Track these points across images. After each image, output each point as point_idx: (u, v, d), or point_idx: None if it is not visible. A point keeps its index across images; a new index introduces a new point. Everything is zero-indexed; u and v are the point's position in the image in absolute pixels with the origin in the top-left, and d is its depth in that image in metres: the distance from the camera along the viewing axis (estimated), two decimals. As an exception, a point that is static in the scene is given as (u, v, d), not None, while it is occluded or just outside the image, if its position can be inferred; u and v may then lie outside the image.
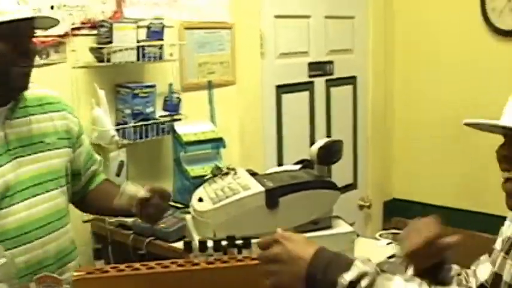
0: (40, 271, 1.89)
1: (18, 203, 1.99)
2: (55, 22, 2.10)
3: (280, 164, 3.96)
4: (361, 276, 1.34)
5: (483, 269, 1.70)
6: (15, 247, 1.95)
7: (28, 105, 2.11)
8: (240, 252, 1.79)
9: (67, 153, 2.16)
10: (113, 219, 2.81)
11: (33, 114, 2.11)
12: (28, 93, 2.11)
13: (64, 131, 2.17)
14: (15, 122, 2.05)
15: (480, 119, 1.54)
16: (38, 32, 2.15)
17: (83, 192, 2.33)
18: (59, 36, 2.82)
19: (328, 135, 4.35)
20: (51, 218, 2.06)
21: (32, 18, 1.97)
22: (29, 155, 2.05)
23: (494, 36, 4.43)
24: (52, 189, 2.08)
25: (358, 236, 2.60)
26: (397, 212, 4.94)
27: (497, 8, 4.38)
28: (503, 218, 4.15)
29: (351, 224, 2.49)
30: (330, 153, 2.43)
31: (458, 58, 4.57)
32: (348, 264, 1.37)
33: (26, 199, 2.00)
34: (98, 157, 2.42)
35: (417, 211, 4.75)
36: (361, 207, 4.82)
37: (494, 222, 4.38)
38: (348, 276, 1.34)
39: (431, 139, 4.75)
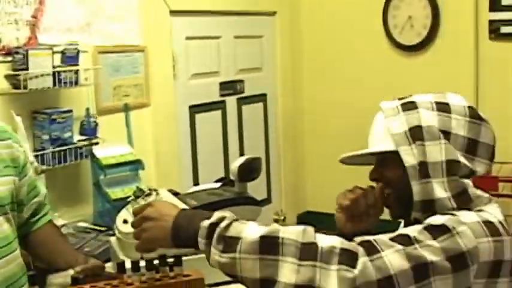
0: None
1: None
2: None
3: (196, 182, 4.03)
4: (220, 220, 1.46)
5: None
6: None
7: None
8: (171, 270, 1.84)
9: (12, 181, 2.12)
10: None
11: None
12: None
13: (10, 159, 2.14)
14: None
15: (351, 152, 1.73)
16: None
17: (25, 230, 2.27)
18: (-27, 63, 2.83)
19: (241, 153, 4.45)
20: None
21: None
22: None
23: (397, 51, 4.64)
24: None
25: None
26: (311, 224, 5.06)
27: (399, 25, 4.59)
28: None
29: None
30: (250, 170, 2.50)
31: (363, 72, 4.77)
32: (209, 214, 1.50)
33: None
34: (42, 189, 2.38)
35: (330, 222, 4.88)
36: (276, 221, 4.89)
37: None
38: (208, 221, 1.47)
39: (340, 151, 4.87)
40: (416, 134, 1.54)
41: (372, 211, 1.71)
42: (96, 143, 3.22)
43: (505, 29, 4.28)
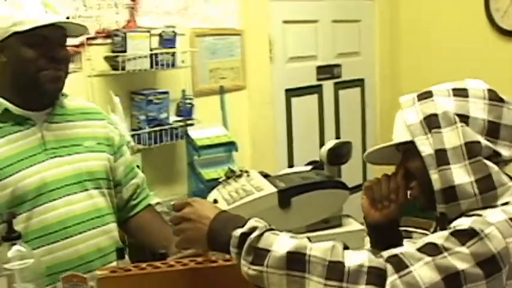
0: (83, 266, 2.00)
1: (57, 199, 2.05)
2: (84, 29, 2.18)
3: (290, 165, 4.05)
4: (252, 230, 1.47)
5: None
6: (57, 241, 2.02)
7: (67, 113, 2.19)
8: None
9: (106, 158, 2.21)
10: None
11: (72, 121, 2.19)
12: (67, 103, 2.20)
13: (104, 138, 2.23)
14: (54, 126, 2.13)
15: (371, 148, 1.73)
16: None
17: (125, 214, 2.33)
18: (75, 46, 2.92)
19: (337, 137, 4.44)
20: (90, 215, 2.11)
21: (57, 26, 2.04)
22: (67, 155, 2.12)
23: (498, 36, 4.51)
24: (90, 189, 2.14)
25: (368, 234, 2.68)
26: (407, 211, 5.01)
27: (501, 8, 4.46)
28: None
29: (362, 223, 2.56)
30: (339, 154, 2.51)
31: (464, 58, 4.65)
32: (244, 222, 1.51)
33: (64, 196, 2.07)
34: (140, 173, 2.47)
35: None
36: (370, 206, 4.87)
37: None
38: (240, 230, 1.48)
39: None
40: (431, 122, 1.51)
41: (393, 196, 1.68)
42: (192, 124, 3.28)
43: None
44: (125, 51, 2.96)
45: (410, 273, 1.33)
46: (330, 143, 2.52)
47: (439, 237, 1.38)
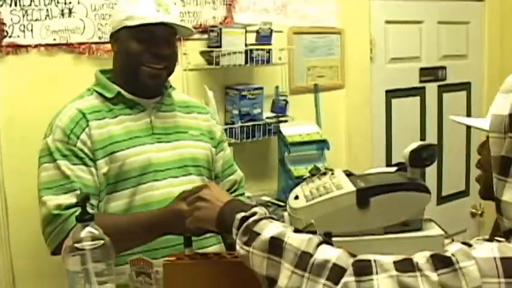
0: (169, 249, 2.12)
1: (160, 180, 2.20)
2: (190, 32, 2.36)
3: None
4: (252, 214, 1.54)
5: None
6: None
7: (175, 103, 2.37)
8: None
9: (209, 148, 2.36)
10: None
11: (179, 111, 2.36)
12: (175, 96, 2.39)
13: (207, 131, 2.40)
14: (162, 114, 2.31)
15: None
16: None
17: None
18: (172, 40, 3.00)
19: (440, 142, 4.36)
20: None
21: (166, 24, 2.19)
22: (172, 141, 2.27)
23: None
24: (193, 174, 2.28)
25: (453, 240, 2.62)
26: (512, 221, 4.86)
27: None
28: None
29: (462, 232, 2.52)
30: (422, 156, 2.46)
31: None
32: (248, 208, 1.59)
33: (168, 178, 2.22)
34: (239, 171, 2.56)
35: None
36: (473, 214, 4.77)
37: None
38: (243, 213, 1.55)
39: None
40: None
41: None
42: (285, 121, 3.30)
43: None
44: (219, 47, 3.02)
45: (370, 281, 1.30)
46: (413, 144, 2.48)
47: (421, 256, 1.34)
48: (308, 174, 2.72)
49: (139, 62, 2.19)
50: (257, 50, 3.14)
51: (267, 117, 3.26)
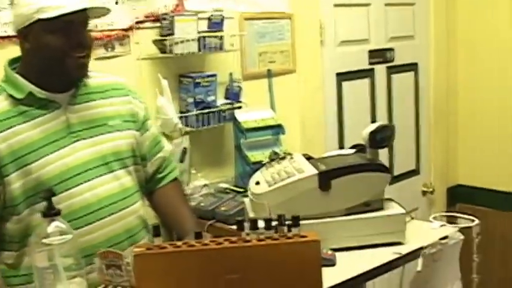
0: (112, 248, 2.00)
1: (82, 183, 2.09)
2: (106, 11, 2.19)
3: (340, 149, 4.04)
4: None
5: None
6: (84, 226, 2.06)
7: (91, 91, 2.21)
8: (289, 230, 1.89)
9: (132, 135, 2.24)
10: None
11: (95, 100, 2.21)
12: (91, 81, 2.23)
13: (129, 115, 2.26)
14: (78, 107, 2.15)
15: None
16: (104, 26, 2.28)
17: (151, 187, 2.39)
18: (123, 29, 2.97)
19: (390, 122, 4.41)
20: (116, 197, 2.15)
21: (84, 10, 2.04)
22: (91, 137, 2.15)
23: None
24: (116, 169, 2.17)
25: (412, 218, 2.67)
26: (461, 198, 4.97)
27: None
28: None
29: (409, 212, 2.56)
30: (381, 137, 2.50)
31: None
32: None
33: (89, 180, 2.11)
34: (166, 145, 2.49)
35: (482, 197, 4.80)
36: (424, 192, 4.85)
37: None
38: None
39: (496, 124, 4.74)
40: None
41: None
42: (239, 107, 3.31)
43: None
44: (172, 35, 3.00)
45: None
46: (372, 125, 2.52)
47: None
48: (266, 159, 2.74)
49: (63, 55, 2.03)
50: (209, 37, 3.13)
51: (222, 104, 3.26)
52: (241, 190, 3.01)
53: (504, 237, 4.65)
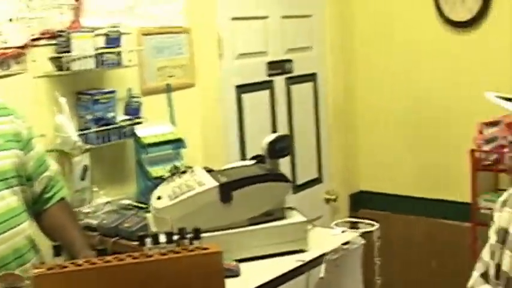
0: (0, 270, 1.98)
1: None
2: None
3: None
4: None
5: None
6: None
7: None
8: (191, 243, 1.91)
9: (15, 154, 2.20)
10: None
11: None
12: None
13: (11, 134, 2.22)
14: None
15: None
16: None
17: (39, 208, 2.35)
18: (19, 47, 2.92)
19: (291, 132, 4.47)
20: (3, 217, 2.10)
21: None
22: None
23: (448, 28, 4.57)
24: (1, 190, 2.12)
25: (314, 226, 2.73)
26: (364, 203, 5.09)
27: (450, 0, 4.52)
28: (466, 205, 4.29)
29: (318, 218, 2.61)
30: (280, 147, 2.55)
31: (416, 51, 4.72)
32: None
33: None
34: (52, 164, 2.44)
35: (383, 202, 4.92)
36: (327, 200, 4.93)
37: (458, 209, 4.55)
38: None
39: (394, 131, 4.89)
40: None
41: None
42: (139, 123, 3.29)
43: None
44: (69, 52, 2.97)
45: None
46: (271, 136, 2.57)
47: None
48: (167, 174, 2.75)
49: None
50: (107, 53, 3.11)
51: (122, 120, 3.24)
52: (144, 206, 2.99)
53: (405, 239, 4.78)
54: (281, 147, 2.55)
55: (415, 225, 4.79)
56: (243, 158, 4.14)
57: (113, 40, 3.16)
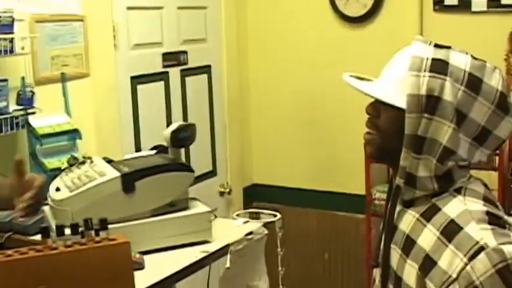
0: None
1: None
2: None
3: (137, 151, 4.00)
4: None
5: None
6: None
7: None
8: (97, 234, 1.84)
9: None
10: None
11: None
12: None
13: None
14: None
15: (357, 83, 1.69)
16: None
17: None
18: None
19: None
20: None
21: None
22: None
23: (342, 23, 4.63)
24: None
25: (216, 217, 2.70)
26: (257, 196, 5.10)
27: (343, -5, 4.58)
28: (359, 196, 4.36)
29: (213, 210, 2.58)
30: (183, 136, 2.51)
31: (309, 45, 4.76)
32: None
33: None
34: None
35: (277, 195, 4.95)
36: (221, 193, 4.92)
37: (350, 201, 4.63)
38: None
39: (287, 124, 4.92)
40: (430, 104, 1.46)
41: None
42: (33, 113, 3.18)
43: (449, 1, 4.30)
44: (-43, 37, 2.83)
45: None
46: (174, 125, 2.52)
47: None
48: (64, 165, 2.66)
49: None
50: (-1, 39, 2.98)
51: (14, 110, 3.12)
52: (40, 199, 2.88)
53: (300, 232, 4.83)
54: (184, 136, 2.51)
55: (309, 218, 4.84)
56: (138, 148, 4.08)
57: (5, 26, 3.03)
